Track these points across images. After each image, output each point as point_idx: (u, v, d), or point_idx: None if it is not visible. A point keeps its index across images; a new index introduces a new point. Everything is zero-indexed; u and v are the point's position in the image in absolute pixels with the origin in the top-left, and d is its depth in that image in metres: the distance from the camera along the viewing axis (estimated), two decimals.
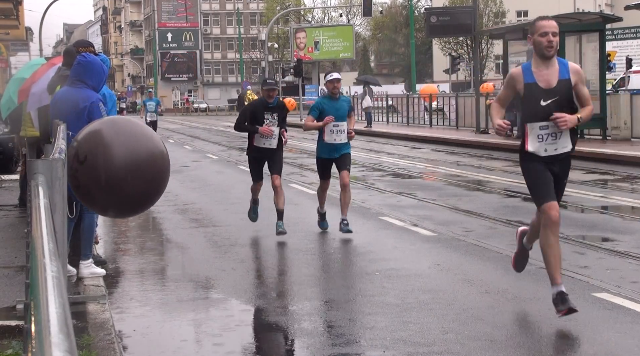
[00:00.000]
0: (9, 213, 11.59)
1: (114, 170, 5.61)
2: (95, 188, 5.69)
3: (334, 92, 10.28)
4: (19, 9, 32.82)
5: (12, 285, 7.02)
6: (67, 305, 1.91)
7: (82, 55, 7.72)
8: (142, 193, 5.81)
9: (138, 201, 5.92)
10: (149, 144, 5.85)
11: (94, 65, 7.57)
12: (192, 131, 42.02)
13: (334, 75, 10.26)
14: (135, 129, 5.91)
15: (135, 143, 5.73)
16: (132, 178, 5.64)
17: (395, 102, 43.47)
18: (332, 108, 10.26)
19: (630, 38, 38.32)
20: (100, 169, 5.62)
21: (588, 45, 23.83)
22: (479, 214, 11.42)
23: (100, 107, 7.46)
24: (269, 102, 10.55)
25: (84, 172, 5.61)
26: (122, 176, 5.62)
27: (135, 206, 6.07)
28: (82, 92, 7.44)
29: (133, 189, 5.70)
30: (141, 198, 5.88)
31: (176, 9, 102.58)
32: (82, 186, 5.78)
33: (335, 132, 10.26)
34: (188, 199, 14.27)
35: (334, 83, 10.20)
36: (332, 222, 11.30)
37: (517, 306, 6.66)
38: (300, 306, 6.84)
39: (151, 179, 5.77)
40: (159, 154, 5.87)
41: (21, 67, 12.13)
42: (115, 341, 5.68)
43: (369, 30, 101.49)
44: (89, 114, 7.39)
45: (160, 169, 5.87)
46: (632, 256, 8.41)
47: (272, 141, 10.70)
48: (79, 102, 7.39)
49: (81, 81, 7.48)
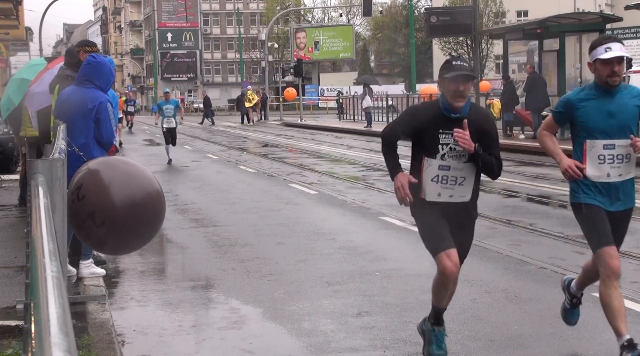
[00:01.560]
0: (9, 213, 11.59)
1: (112, 211, 5.42)
2: (92, 225, 5.55)
3: (613, 81, 5.83)
4: (19, 9, 32.83)
5: (12, 285, 7.02)
6: (67, 305, 1.91)
7: (92, 55, 7.76)
8: (139, 234, 5.66)
9: (135, 242, 5.78)
10: (144, 184, 5.64)
11: (103, 66, 7.62)
12: (192, 131, 42.03)
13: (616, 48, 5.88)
14: (130, 169, 5.71)
15: (131, 184, 5.55)
16: (130, 220, 5.49)
17: (395, 102, 43.48)
18: (605, 110, 5.62)
19: (630, 38, 38.29)
20: (97, 208, 5.43)
21: (588, 45, 23.80)
22: (479, 214, 11.39)
23: (108, 108, 7.50)
24: (454, 109, 5.26)
25: (80, 209, 5.48)
26: (119, 218, 5.44)
27: (132, 246, 5.95)
28: (90, 93, 7.47)
29: (130, 230, 5.56)
30: (138, 238, 5.75)
31: (176, 9, 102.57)
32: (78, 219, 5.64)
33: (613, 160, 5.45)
34: (188, 199, 14.27)
35: (613, 64, 5.82)
36: (332, 222, 11.30)
37: (517, 306, 6.65)
38: (300, 306, 6.84)
39: (147, 220, 5.59)
40: (155, 194, 5.66)
41: (21, 67, 12.13)
42: (115, 341, 5.68)
43: (369, 30, 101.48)
44: (96, 114, 7.42)
45: (158, 209, 5.68)
46: (632, 256, 8.41)
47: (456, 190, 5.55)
48: (87, 103, 7.42)
49: (90, 81, 7.52)
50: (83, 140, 7.36)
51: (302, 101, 55.28)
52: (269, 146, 28.66)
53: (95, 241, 5.61)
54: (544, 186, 14.23)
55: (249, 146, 29.36)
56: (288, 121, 47.28)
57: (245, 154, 25.27)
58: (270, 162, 21.38)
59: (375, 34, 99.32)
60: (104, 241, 5.55)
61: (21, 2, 33.27)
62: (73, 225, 5.54)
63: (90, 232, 5.45)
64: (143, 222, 5.55)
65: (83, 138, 7.37)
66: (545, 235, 9.72)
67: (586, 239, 5.44)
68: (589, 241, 5.40)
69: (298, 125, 44.00)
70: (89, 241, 5.68)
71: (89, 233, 5.48)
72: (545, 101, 23.45)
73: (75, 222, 5.48)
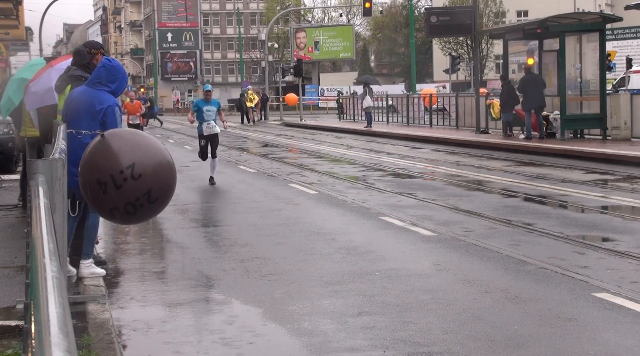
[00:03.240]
0: (9, 213, 11.59)
1: (167, 189, 6.18)
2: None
3: None
4: (19, 9, 32.83)
5: (12, 285, 7.02)
6: (67, 305, 1.91)
7: (108, 59, 7.80)
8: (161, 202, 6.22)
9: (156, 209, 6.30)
10: (159, 155, 6.17)
11: (119, 71, 7.70)
12: (192, 131, 42.01)
13: None
14: (148, 141, 6.25)
15: (171, 164, 6.23)
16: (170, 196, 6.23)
17: (395, 102, 43.48)
18: None
19: (630, 38, 38.35)
20: (153, 186, 6.04)
21: (588, 45, 23.83)
22: (479, 214, 11.42)
23: (116, 111, 7.53)
24: None
25: (136, 187, 5.91)
26: (169, 195, 6.26)
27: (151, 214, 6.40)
28: (101, 95, 7.52)
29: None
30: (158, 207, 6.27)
31: (176, 9, 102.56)
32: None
33: None
34: (188, 199, 14.27)
35: None
36: (332, 222, 11.30)
37: (517, 306, 6.65)
38: (300, 306, 6.84)
39: (168, 188, 6.22)
40: (168, 164, 6.23)
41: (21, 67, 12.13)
42: (115, 341, 5.68)
43: (369, 30, 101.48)
44: (103, 117, 7.45)
45: (173, 179, 6.30)
46: (632, 256, 8.41)
47: None
48: (95, 104, 7.46)
49: (102, 84, 7.56)
50: (87, 140, 7.38)
51: (302, 101, 55.27)
52: (269, 146, 28.66)
53: (137, 217, 6.07)
54: (544, 186, 14.23)
55: (249, 146, 29.35)
56: (288, 121, 47.28)
57: (246, 154, 25.27)
58: (270, 162, 21.38)
59: (375, 34, 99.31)
60: (145, 216, 6.07)
61: (21, 2, 33.26)
62: (122, 203, 5.77)
63: (139, 209, 5.89)
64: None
65: (88, 138, 7.39)
66: (545, 235, 9.72)
67: None
68: None
69: (298, 125, 44.00)
70: (134, 218, 6.00)
71: (136, 209, 5.89)
72: (540, 102, 23.45)
73: (127, 199, 5.84)
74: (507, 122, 25.46)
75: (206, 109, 16.72)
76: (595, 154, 19.12)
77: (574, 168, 17.29)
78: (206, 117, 16.71)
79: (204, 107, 16.73)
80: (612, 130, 22.84)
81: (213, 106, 16.82)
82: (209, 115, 16.74)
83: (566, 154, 19.97)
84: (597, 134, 23.51)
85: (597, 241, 9.43)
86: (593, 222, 10.88)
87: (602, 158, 18.69)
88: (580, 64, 23.71)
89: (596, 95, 23.36)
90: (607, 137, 22.89)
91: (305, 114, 56.60)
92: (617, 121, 22.65)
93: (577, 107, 23.99)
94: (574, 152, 19.93)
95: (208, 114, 16.72)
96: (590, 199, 12.65)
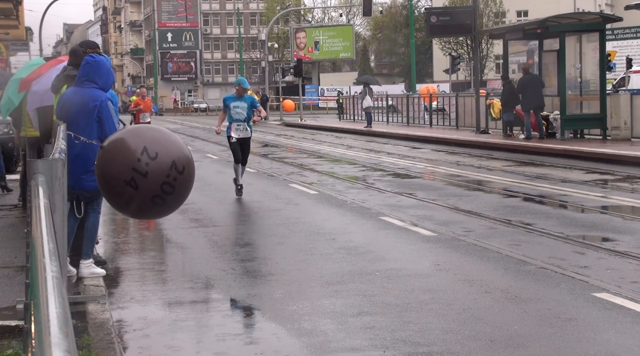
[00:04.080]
0: (9, 213, 11.59)
1: (187, 157, 6.26)
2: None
3: None
4: (19, 9, 32.81)
5: (12, 285, 7.02)
6: (67, 305, 1.91)
7: (91, 55, 7.77)
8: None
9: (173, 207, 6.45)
10: (160, 131, 6.36)
11: (102, 65, 7.64)
12: (192, 131, 42.04)
13: None
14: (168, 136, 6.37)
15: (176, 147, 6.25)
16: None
17: (395, 102, 43.49)
18: None
19: (630, 38, 38.36)
20: (174, 157, 6.13)
21: (588, 45, 23.83)
22: (479, 214, 11.42)
23: (109, 106, 7.52)
24: None
25: (159, 166, 6.03)
26: (192, 162, 6.33)
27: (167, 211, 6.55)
28: (91, 92, 7.50)
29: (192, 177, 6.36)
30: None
31: (176, 9, 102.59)
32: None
33: None
34: (188, 199, 14.25)
35: None
36: (332, 222, 11.30)
37: (517, 306, 6.65)
38: (300, 306, 6.84)
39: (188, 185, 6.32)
40: (172, 135, 6.40)
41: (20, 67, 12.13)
42: (115, 341, 5.68)
43: (369, 30, 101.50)
44: (98, 113, 7.45)
45: (184, 146, 6.40)
46: (632, 256, 8.41)
47: None
48: (88, 102, 7.45)
49: (90, 81, 7.54)
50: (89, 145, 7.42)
51: (302, 101, 55.28)
52: (269, 146, 28.66)
53: (177, 194, 6.14)
54: (544, 186, 14.23)
55: None
56: (288, 121, 47.28)
57: None
58: (270, 162, 21.38)
59: (375, 34, 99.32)
60: (183, 189, 6.17)
61: (21, 2, 33.25)
62: (157, 186, 5.94)
63: (174, 184, 6.02)
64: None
65: (87, 137, 7.40)
66: (545, 235, 9.72)
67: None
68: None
69: (298, 125, 44.00)
70: (174, 197, 6.14)
71: (173, 186, 6.03)
72: (539, 102, 23.46)
73: (160, 180, 5.96)
74: (508, 122, 25.46)
75: (234, 106, 13.93)
76: (595, 154, 19.12)
77: (574, 168, 17.29)
78: (235, 115, 13.97)
79: (231, 103, 13.98)
80: (612, 130, 22.84)
81: (243, 103, 13.93)
82: (238, 113, 13.94)
83: (566, 154, 19.97)
84: (597, 134, 23.51)
85: (597, 241, 9.43)
86: (593, 222, 10.88)
87: (602, 158, 18.69)
88: (580, 64, 23.71)
89: (596, 95, 23.35)
90: (607, 137, 22.89)
91: (305, 114, 56.61)
92: (617, 121, 22.65)
93: (577, 107, 23.99)
94: (574, 152, 19.93)
95: (237, 111, 13.93)
96: (590, 199, 12.65)
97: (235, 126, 13.98)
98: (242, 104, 13.94)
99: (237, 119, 13.97)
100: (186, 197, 6.31)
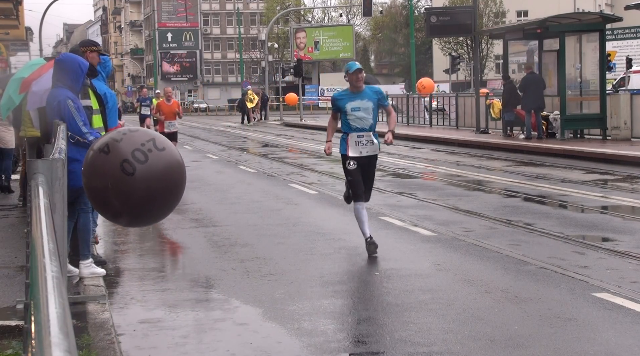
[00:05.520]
0: (9, 213, 11.59)
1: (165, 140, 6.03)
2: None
3: None
4: (19, 9, 32.80)
5: (12, 285, 7.02)
6: (67, 305, 1.91)
7: (60, 54, 7.75)
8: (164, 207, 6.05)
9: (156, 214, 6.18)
10: (172, 176, 5.96)
11: (66, 63, 7.53)
12: (192, 131, 42.04)
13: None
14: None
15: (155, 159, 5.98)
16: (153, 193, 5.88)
17: (395, 102, 43.48)
18: None
19: (630, 38, 38.32)
20: (153, 137, 6.00)
21: (588, 45, 23.82)
22: (479, 214, 11.42)
23: (69, 105, 7.33)
24: None
25: (137, 137, 5.92)
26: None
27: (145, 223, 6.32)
28: (55, 92, 7.49)
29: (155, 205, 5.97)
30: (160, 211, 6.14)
31: (176, 9, 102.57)
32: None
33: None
34: (188, 199, 14.26)
35: None
36: (332, 222, 11.30)
37: (517, 306, 6.65)
38: (300, 306, 6.83)
39: (170, 192, 5.97)
40: (180, 183, 6.04)
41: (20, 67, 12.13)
42: (115, 341, 5.68)
43: (369, 30, 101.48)
44: (59, 113, 7.36)
45: (179, 195, 6.05)
46: (632, 256, 8.41)
47: None
48: (52, 102, 7.46)
49: (59, 81, 7.49)
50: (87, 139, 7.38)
51: (302, 101, 55.27)
52: (269, 146, 28.66)
53: (152, 165, 5.86)
54: (544, 186, 14.23)
55: (249, 146, 29.35)
56: (288, 121, 47.26)
57: (245, 154, 25.26)
58: (270, 162, 21.38)
59: (375, 34, 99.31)
60: (161, 165, 5.86)
61: (21, 2, 33.24)
62: (127, 149, 5.78)
63: (149, 153, 5.79)
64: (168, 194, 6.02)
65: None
66: (545, 235, 9.71)
67: None
68: None
69: (298, 125, 43.98)
70: (143, 163, 5.86)
71: (147, 155, 5.77)
72: (539, 102, 23.45)
73: (132, 145, 5.77)
74: (509, 122, 25.46)
75: (352, 108, 8.95)
76: (595, 154, 19.12)
77: (573, 168, 17.29)
78: (354, 122, 9.01)
79: (347, 104, 8.99)
80: (612, 130, 22.84)
81: (367, 101, 8.98)
82: (360, 119, 8.98)
83: (566, 154, 19.96)
84: (597, 134, 23.50)
85: (597, 241, 9.43)
86: (593, 222, 10.87)
87: (602, 158, 18.68)
88: (580, 64, 23.70)
89: (596, 95, 23.35)
90: (607, 137, 22.88)
91: (305, 114, 56.60)
92: (617, 121, 22.65)
93: (577, 107, 23.99)
94: (574, 152, 19.93)
95: (357, 117, 8.98)
96: (590, 199, 12.65)
97: (355, 139, 8.99)
98: (364, 103, 8.94)
99: (357, 128, 9.00)
100: (164, 183, 5.85)
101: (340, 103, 9.15)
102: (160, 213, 6.16)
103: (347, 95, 9.13)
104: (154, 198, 5.84)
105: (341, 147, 9.26)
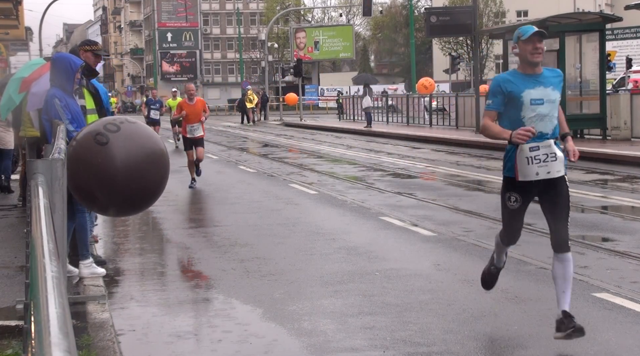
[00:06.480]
0: (9, 213, 11.59)
1: (114, 169, 5.81)
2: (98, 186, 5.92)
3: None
4: (19, 8, 32.82)
5: (12, 285, 7.01)
6: (67, 305, 1.91)
7: (54, 54, 7.80)
8: (142, 192, 5.97)
9: (139, 201, 6.08)
10: (148, 143, 6.00)
11: (58, 63, 7.60)
12: None
13: None
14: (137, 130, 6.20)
15: (134, 143, 5.96)
16: (130, 178, 5.85)
17: (395, 102, 43.50)
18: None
19: (630, 38, 38.32)
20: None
21: (588, 45, 23.82)
22: (479, 214, 11.42)
23: (55, 104, 7.37)
24: None
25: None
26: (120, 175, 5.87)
27: (135, 206, 6.22)
28: (48, 91, 7.54)
29: (131, 189, 5.89)
30: (141, 198, 6.04)
31: (176, 8, 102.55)
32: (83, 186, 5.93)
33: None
34: (188, 199, 14.26)
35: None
36: (332, 222, 11.30)
37: (517, 306, 6.65)
38: (300, 306, 6.83)
39: (151, 178, 5.93)
40: (159, 153, 6.06)
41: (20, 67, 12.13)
42: (115, 341, 5.68)
43: (369, 30, 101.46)
44: (46, 112, 7.43)
45: (162, 168, 6.11)
46: (632, 256, 8.40)
47: None
48: (44, 103, 7.53)
49: (53, 80, 7.55)
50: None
51: (302, 101, 55.27)
52: (269, 146, 28.66)
53: (125, 132, 6.00)
54: None
55: (249, 146, 29.35)
56: (288, 121, 47.27)
57: (245, 154, 25.26)
58: (270, 162, 21.38)
59: (375, 34, 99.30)
60: (134, 134, 5.99)
61: (21, 2, 33.25)
62: (99, 124, 6.02)
63: (121, 125, 5.98)
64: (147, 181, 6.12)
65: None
66: (545, 235, 9.69)
67: None
68: None
69: (298, 125, 43.99)
70: (115, 132, 6.00)
71: (119, 126, 5.96)
72: None
73: (104, 121, 6.07)
74: None
75: (531, 100, 5.60)
76: (595, 154, 19.12)
77: (573, 168, 17.29)
78: (531, 124, 5.61)
79: (524, 93, 5.61)
80: (612, 130, 22.84)
81: (549, 89, 5.71)
82: (541, 119, 5.66)
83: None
84: (597, 134, 23.50)
85: (597, 241, 9.43)
86: (593, 222, 10.87)
87: (602, 158, 18.68)
88: (580, 64, 23.70)
89: (596, 95, 23.35)
90: (607, 137, 22.89)
91: (305, 114, 56.60)
92: (617, 121, 22.65)
93: (577, 107, 23.99)
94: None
95: (537, 113, 5.64)
96: (590, 199, 12.65)
97: (531, 153, 5.68)
98: (547, 93, 5.69)
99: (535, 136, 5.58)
100: (140, 147, 5.86)
101: (513, 89, 5.62)
102: (147, 187, 6.05)
103: (521, 78, 5.67)
104: (134, 165, 5.88)
105: (507, 168, 5.88)
